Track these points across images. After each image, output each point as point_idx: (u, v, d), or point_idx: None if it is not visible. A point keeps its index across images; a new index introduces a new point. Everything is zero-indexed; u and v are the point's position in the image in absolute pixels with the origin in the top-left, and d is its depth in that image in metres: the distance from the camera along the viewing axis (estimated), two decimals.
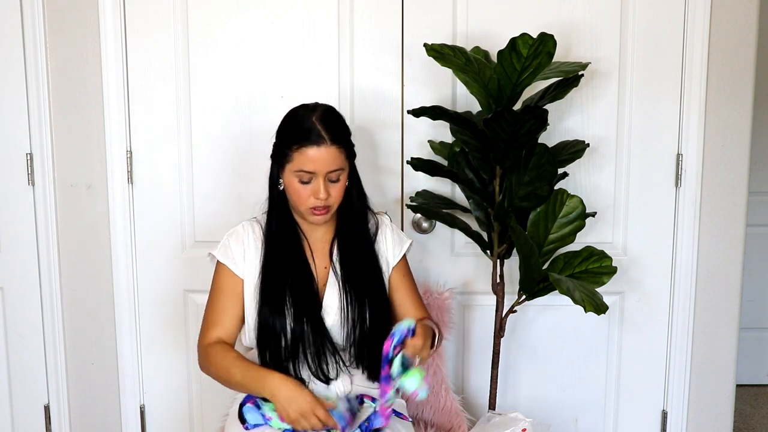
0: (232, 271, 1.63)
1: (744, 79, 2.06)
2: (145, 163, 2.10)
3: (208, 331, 1.62)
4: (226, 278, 1.63)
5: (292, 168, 1.54)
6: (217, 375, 1.58)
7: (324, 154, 1.52)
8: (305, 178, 1.54)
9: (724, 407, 2.20)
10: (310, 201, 1.55)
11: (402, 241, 1.73)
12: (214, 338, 1.61)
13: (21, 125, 2.07)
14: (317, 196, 1.53)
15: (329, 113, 1.58)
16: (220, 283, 1.64)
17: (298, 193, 1.55)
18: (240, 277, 1.63)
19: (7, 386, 2.19)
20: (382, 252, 1.69)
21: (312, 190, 1.54)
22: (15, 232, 2.12)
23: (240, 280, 1.63)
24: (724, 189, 2.10)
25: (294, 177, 1.54)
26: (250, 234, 1.65)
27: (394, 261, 1.70)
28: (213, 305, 1.64)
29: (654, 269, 2.15)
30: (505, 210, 1.81)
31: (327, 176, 1.54)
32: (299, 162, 1.52)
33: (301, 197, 1.55)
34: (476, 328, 2.19)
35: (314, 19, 2.04)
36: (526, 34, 1.63)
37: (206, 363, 1.60)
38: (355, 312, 1.61)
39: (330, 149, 1.52)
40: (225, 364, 1.55)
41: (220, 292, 1.64)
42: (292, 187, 1.56)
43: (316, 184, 1.53)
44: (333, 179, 1.55)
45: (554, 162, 1.75)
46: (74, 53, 2.06)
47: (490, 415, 1.83)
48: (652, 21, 2.04)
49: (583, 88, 2.04)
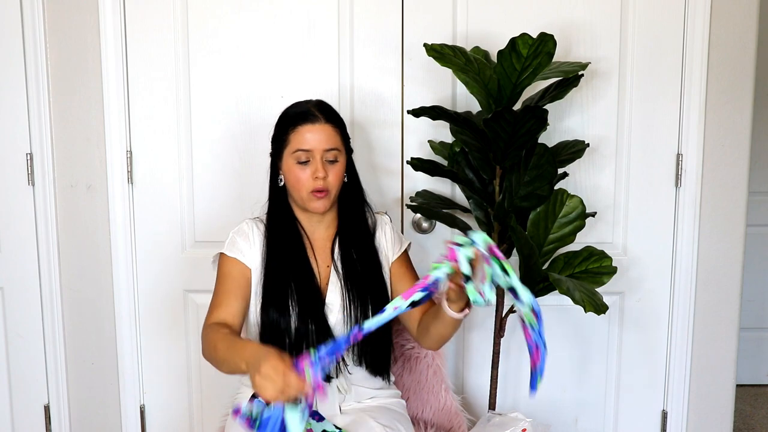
0: (240, 261, 1.62)
1: (744, 79, 2.06)
2: (145, 163, 2.10)
3: (210, 315, 1.59)
4: (234, 265, 1.62)
5: (290, 150, 1.57)
6: (208, 354, 1.50)
7: (319, 131, 1.56)
8: (303, 157, 1.56)
9: (724, 407, 2.20)
10: (309, 183, 1.56)
11: (402, 240, 1.74)
12: (215, 320, 1.57)
13: (21, 125, 2.07)
14: (316, 175, 1.55)
15: (323, 102, 1.65)
16: (226, 270, 1.62)
17: (297, 176, 1.57)
18: (248, 266, 1.63)
19: (7, 386, 2.19)
20: (382, 248, 1.70)
21: (310, 171, 1.56)
22: (15, 232, 2.12)
23: (248, 268, 1.63)
24: (724, 189, 2.10)
25: (292, 159, 1.57)
26: (254, 230, 1.66)
27: (394, 257, 1.71)
28: (218, 290, 1.62)
29: (654, 269, 2.15)
30: (505, 210, 1.81)
31: (324, 156, 1.57)
32: (296, 142, 1.56)
33: (300, 180, 1.57)
34: (476, 328, 2.19)
35: (314, 19, 2.04)
36: (526, 34, 1.63)
37: (203, 345, 1.54)
38: (358, 310, 1.61)
39: (325, 126, 1.57)
40: (214, 340, 1.47)
41: (226, 278, 1.62)
42: (291, 172, 1.58)
43: (314, 164, 1.56)
44: (330, 159, 1.58)
45: (554, 162, 1.75)
46: (74, 53, 2.06)
47: (490, 415, 1.83)
48: (652, 21, 2.04)
49: (583, 88, 2.04)
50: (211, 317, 1.59)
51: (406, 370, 1.90)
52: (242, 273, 1.62)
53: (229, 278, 1.62)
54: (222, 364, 1.46)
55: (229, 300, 1.60)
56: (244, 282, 1.62)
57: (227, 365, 1.44)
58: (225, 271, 1.63)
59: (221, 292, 1.61)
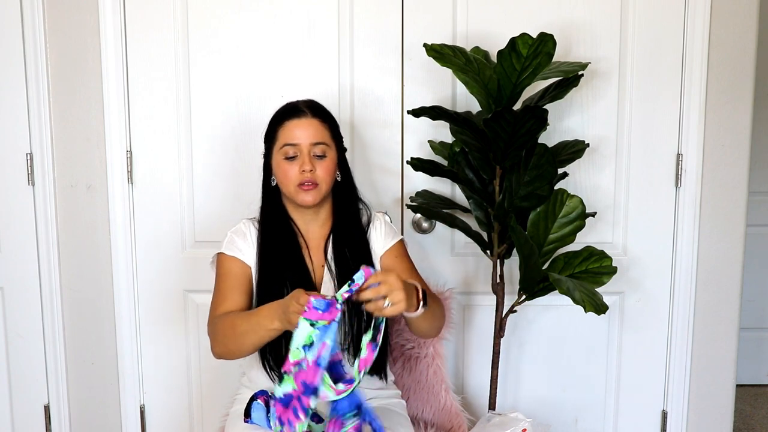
0: (239, 259, 1.63)
1: (744, 79, 2.06)
2: (145, 163, 2.10)
3: (214, 311, 1.60)
4: (234, 264, 1.63)
5: (278, 146, 1.59)
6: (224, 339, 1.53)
7: (306, 125, 1.58)
8: (290, 152, 1.58)
9: (724, 407, 2.20)
10: (297, 177, 1.57)
11: (395, 234, 1.73)
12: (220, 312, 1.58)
13: (21, 125, 2.07)
14: (303, 169, 1.56)
15: (313, 100, 1.67)
16: (226, 268, 1.63)
17: (285, 171, 1.58)
18: (248, 264, 1.63)
19: (7, 386, 2.19)
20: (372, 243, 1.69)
21: (298, 165, 1.57)
22: (15, 232, 2.12)
23: (248, 266, 1.63)
24: (724, 189, 2.10)
25: (280, 155, 1.59)
26: (251, 230, 1.66)
27: (383, 249, 1.70)
28: (219, 288, 1.63)
29: (654, 269, 2.15)
30: (505, 210, 1.81)
31: (311, 150, 1.58)
32: (284, 137, 1.59)
33: (288, 175, 1.58)
34: (476, 328, 2.19)
35: (314, 19, 2.04)
36: (526, 34, 1.63)
37: (215, 337, 1.56)
38: (351, 309, 1.61)
39: (312, 121, 1.59)
40: (230, 320, 1.52)
41: (227, 275, 1.62)
42: (279, 168, 1.59)
43: (302, 158, 1.57)
44: (318, 154, 1.59)
45: (554, 162, 1.75)
46: (74, 53, 2.06)
47: (490, 415, 1.83)
48: (652, 21, 2.04)
49: (583, 88, 2.04)
50: (216, 311, 1.59)
51: (406, 370, 1.90)
52: (243, 270, 1.63)
53: (231, 275, 1.62)
54: (245, 337, 1.48)
55: (233, 295, 1.60)
56: (245, 279, 1.62)
57: (251, 336, 1.47)
58: (225, 269, 1.63)
59: (223, 289, 1.62)
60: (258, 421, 1.54)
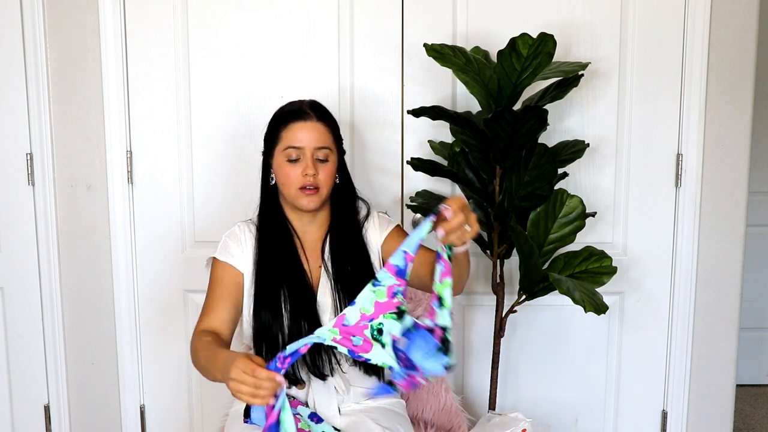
0: (232, 265, 1.63)
1: (744, 79, 2.06)
2: (145, 163, 2.10)
3: (200, 322, 1.60)
4: (226, 271, 1.63)
5: (281, 148, 1.58)
6: (196, 360, 1.51)
7: (310, 128, 1.57)
8: (293, 155, 1.57)
9: (724, 407, 2.20)
10: (299, 180, 1.56)
11: (389, 222, 1.72)
12: (203, 327, 1.58)
13: (21, 125, 2.08)
14: (306, 172, 1.56)
15: (316, 101, 1.65)
16: (218, 275, 1.63)
17: (287, 174, 1.57)
18: (240, 271, 1.63)
19: (7, 386, 2.19)
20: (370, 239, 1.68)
21: (301, 168, 1.56)
22: (15, 232, 2.12)
23: (240, 273, 1.63)
24: (724, 189, 2.10)
25: (283, 157, 1.58)
26: (246, 233, 1.66)
27: (383, 238, 1.68)
28: (209, 296, 1.63)
29: (654, 269, 2.15)
30: (505, 210, 1.81)
31: (315, 154, 1.57)
32: (287, 139, 1.57)
33: (290, 178, 1.57)
34: (476, 328, 2.19)
35: (314, 19, 2.04)
36: (526, 34, 1.63)
37: (190, 352, 1.55)
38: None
39: (316, 125, 1.58)
40: (197, 348, 1.50)
41: (217, 284, 1.63)
42: (281, 170, 1.58)
43: (305, 162, 1.56)
44: (321, 158, 1.58)
45: (554, 162, 1.75)
46: (74, 53, 2.06)
47: (490, 415, 1.83)
48: (652, 21, 2.04)
49: (583, 88, 2.04)
50: (201, 324, 1.60)
51: None
52: (233, 279, 1.62)
53: (220, 284, 1.62)
54: (204, 372, 1.48)
55: (218, 307, 1.60)
56: (234, 288, 1.62)
57: (208, 374, 1.46)
58: (216, 276, 1.64)
59: (212, 299, 1.62)
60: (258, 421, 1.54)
